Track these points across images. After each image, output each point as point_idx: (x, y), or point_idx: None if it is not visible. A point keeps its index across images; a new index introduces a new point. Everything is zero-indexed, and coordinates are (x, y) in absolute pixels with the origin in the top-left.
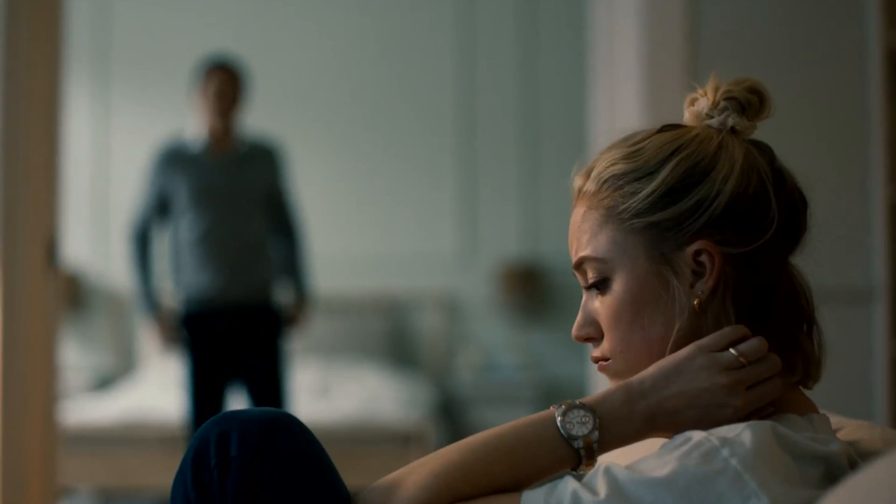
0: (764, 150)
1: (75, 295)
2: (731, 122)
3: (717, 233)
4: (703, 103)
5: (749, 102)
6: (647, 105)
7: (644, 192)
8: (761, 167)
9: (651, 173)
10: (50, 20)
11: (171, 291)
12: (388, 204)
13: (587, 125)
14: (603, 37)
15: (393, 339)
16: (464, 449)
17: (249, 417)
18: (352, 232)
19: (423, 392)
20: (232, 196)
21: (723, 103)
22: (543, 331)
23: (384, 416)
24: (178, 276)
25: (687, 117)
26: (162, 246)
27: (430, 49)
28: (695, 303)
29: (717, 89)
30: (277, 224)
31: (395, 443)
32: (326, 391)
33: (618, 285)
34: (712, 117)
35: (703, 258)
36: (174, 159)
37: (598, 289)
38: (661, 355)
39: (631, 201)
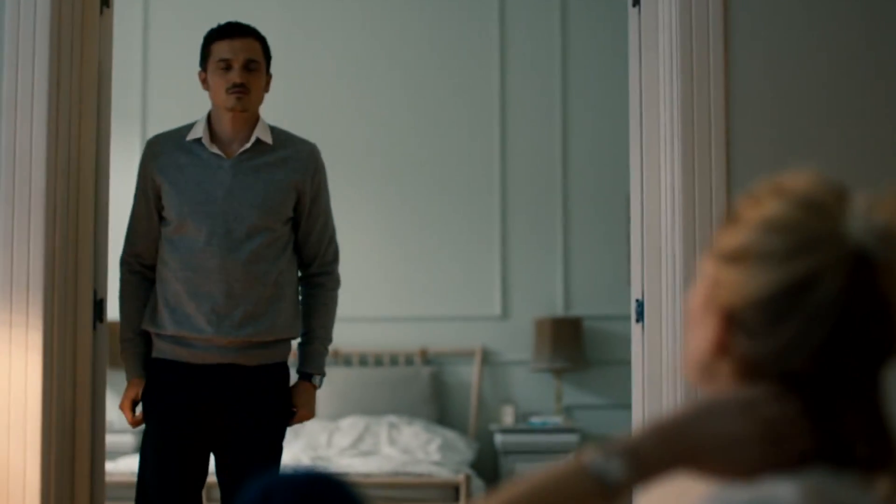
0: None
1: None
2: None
3: None
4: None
5: None
6: (685, 165)
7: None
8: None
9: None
10: (94, 81)
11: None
12: (428, 262)
13: (621, 184)
14: (639, 99)
15: (433, 395)
16: (503, 499)
17: (294, 474)
18: (394, 290)
19: (464, 448)
20: (231, 205)
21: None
22: (581, 387)
23: (426, 471)
24: (153, 309)
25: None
26: None
27: (465, 118)
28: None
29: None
30: (302, 259)
31: (437, 498)
32: (369, 447)
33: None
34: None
35: None
36: (164, 152)
37: None
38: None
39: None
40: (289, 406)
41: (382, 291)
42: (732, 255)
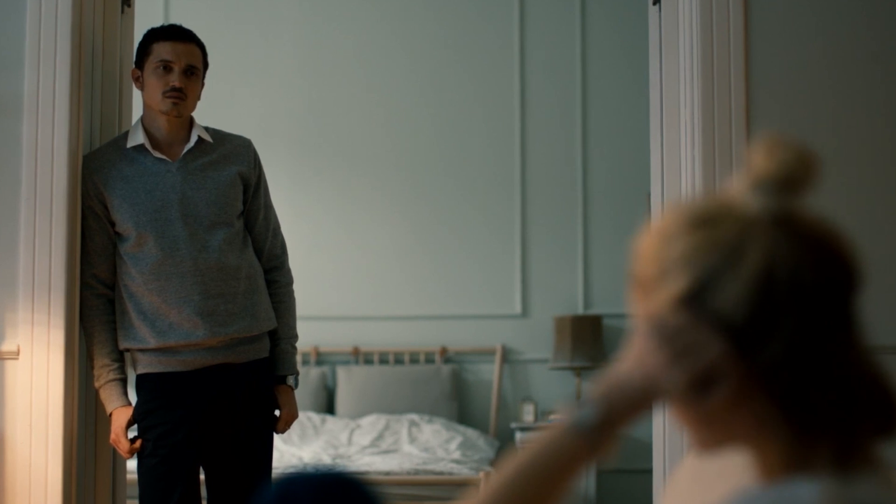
0: None
1: None
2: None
3: None
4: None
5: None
6: (705, 164)
7: None
8: None
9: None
10: (115, 80)
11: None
12: (448, 261)
13: (641, 182)
14: (659, 97)
15: (454, 393)
16: (499, 482)
17: (313, 474)
18: (414, 289)
19: (485, 446)
20: (188, 207)
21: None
22: None
23: (446, 470)
24: (128, 326)
25: None
26: None
27: (485, 117)
28: None
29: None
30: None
31: (458, 496)
32: (389, 445)
33: None
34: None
35: None
36: (105, 165)
37: None
38: None
39: None
40: (274, 409)
41: (403, 290)
42: (682, 301)
